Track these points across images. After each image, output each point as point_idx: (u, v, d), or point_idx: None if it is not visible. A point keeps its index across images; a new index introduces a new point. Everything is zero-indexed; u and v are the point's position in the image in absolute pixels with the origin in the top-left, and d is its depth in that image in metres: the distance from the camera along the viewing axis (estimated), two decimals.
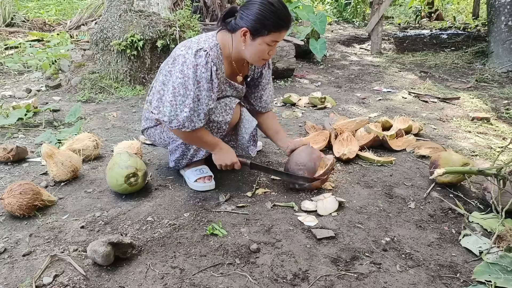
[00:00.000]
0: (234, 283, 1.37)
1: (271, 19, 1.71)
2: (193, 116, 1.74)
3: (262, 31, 1.73)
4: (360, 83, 4.58)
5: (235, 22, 1.78)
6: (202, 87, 1.73)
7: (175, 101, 1.72)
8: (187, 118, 1.73)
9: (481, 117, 3.17)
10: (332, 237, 1.63)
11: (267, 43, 1.76)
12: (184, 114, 1.72)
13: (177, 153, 2.02)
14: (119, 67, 3.96)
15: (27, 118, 3.00)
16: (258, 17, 1.71)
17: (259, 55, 1.80)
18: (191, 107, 1.72)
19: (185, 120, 1.74)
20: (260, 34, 1.74)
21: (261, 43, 1.76)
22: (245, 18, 1.73)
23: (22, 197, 1.71)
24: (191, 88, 1.71)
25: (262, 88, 2.14)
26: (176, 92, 1.72)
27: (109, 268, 1.43)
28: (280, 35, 1.78)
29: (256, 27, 1.72)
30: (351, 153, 2.37)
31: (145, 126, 2.10)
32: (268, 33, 1.73)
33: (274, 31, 1.74)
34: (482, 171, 1.82)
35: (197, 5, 5.36)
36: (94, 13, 7.54)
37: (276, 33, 1.75)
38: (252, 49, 1.78)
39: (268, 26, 1.72)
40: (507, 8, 4.98)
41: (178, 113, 1.72)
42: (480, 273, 1.39)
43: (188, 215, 1.79)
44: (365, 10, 11.02)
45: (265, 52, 1.79)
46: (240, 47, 1.81)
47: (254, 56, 1.81)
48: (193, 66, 1.71)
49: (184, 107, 1.72)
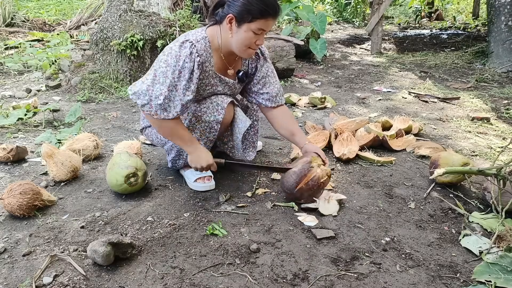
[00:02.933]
0: (234, 283, 1.37)
1: (257, 5, 1.69)
2: (166, 105, 1.72)
3: (247, 17, 1.71)
4: (360, 83, 4.58)
5: (223, 11, 1.78)
6: (183, 77, 1.72)
7: (153, 88, 1.71)
8: (160, 105, 1.71)
9: (481, 117, 3.17)
10: (332, 237, 1.63)
11: (253, 30, 1.73)
12: (158, 102, 1.70)
13: (172, 153, 2.02)
14: (119, 67, 3.96)
15: (27, 118, 3.00)
16: (243, 2, 1.69)
17: (245, 43, 1.76)
18: (165, 95, 1.70)
19: (158, 108, 1.71)
20: (245, 21, 1.72)
21: (247, 30, 1.73)
22: (232, 5, 1.72)
23: (22, 197, 1.71)
24: (169, 76, 1.71)
25: (262, 83, 2.05)
26: (156, 79, 1.72)
27: (109, 268, 1.43)
28: (267, 23, 1.74)
29: (241, 13, 1.70)
30: (351, 153, 2.37)
31: (143, 125, 2.09)
32: (254, 19, 1.71)
33: (260, 17, 1.71)
34: (482, 171, 1.82)
35: (197, 5, 5.37)
36: (94, 13, 7.54)
37: (262, 20, 1.72)
38: (238, 37, 1.76)
39: (253, 12, 1.69)
40: (507, 8, 4.98)
41: (153, 99, 1.70)
42: (480, 273, 1.39)
43: (188, 215, 1.79)
44: (365, 10, 11.02)
45: (251, 40, 1.76)
46: (227, 37, 1.79)
47: (240, 45, 1.77)
48: (176, 56, 1.72)
49: (160, 95, 1.70)
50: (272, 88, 2.06)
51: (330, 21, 9.81)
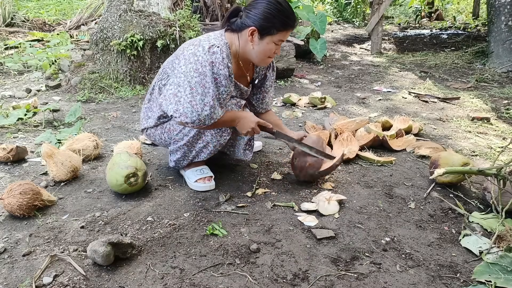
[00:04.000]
0: (234, 283, 1.37)
1: (279, 18, 1.73)
2: (212, 114, 1.74)
3: (270, 30, 1.74)
4: (360, 83, 4.58)
5: (242, 21, 1.79)
6: (220, 83, 1.73)
7: (195, 101, 1.70)
8: (207, 116, 1.72)
9: (481, 117, 3.17)
10: (332, 237, 1.63)
11: (274, 42, 1.78)
12: (205, 113, 1.71)
13: (178, 154, 2.01)
14: (119, 67, 3.96)
15: (27, 118, 3.00)
16: (266, 16, 1.72)
17: (266, 54, 1.81)
18: (211, 105, 1.71)
19: (206, 118, 1.73)
20: (268, 33, 1.75)
21: (269, 42, 1.78)
22: (253, 17, 1.74)
23: (22, 197, 1.71)
24: (209, 86, 1.70)
25: (265, 90, 2.16)
26: (194, 91, 1.70)
27: (109, 268, 1.43)
28: (287, 34, 1.80)
29: (264, 26, 1.74)
30: (351, 153, 2.37)
31: (145, 126, 2.09)
32: (276, 32, 1.75)
33: (282, 30, 1.76)
34: (482, 171, 1.82)
35: (197, 5, 5.36)
36: (94, 13, 7.54)
37: (283, 32, 1.77)
38: (259, 48, 1.79)
39: (277, 25, 1.74)
40: (507, 8, 4.98)
41: (200, 112, 1.71)
42: (480, 273, 1.39)
43: (188, 215, 1.79)
44: (365, 10, 11.02)
45: (271, 51, 1.81)
46: (246, 47, 1.81)
47: (261, 55, 1.82)
48: (209, 64, 1.71)
49: (204, 106, 1.70)
50: (269, 97, 2.20)
51: (330, 21, 9.81)
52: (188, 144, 1.95)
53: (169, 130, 1.98)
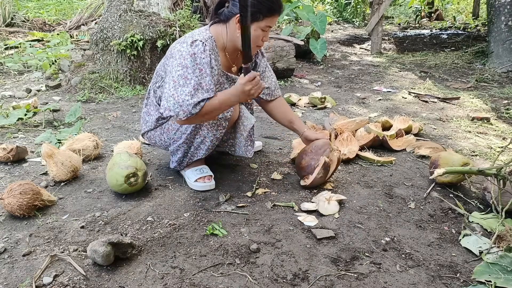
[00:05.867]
0: (234, 283, 1.37)
1: (265, 3, 1.72)
2: (195, 102, 1.70)
3: (257, 15, 1.73)
4: (360, 83, 4.58)
5: (228, 10, 1.78)
6: (204, 73, 1.71)
7: (176, 93, 1.70)
8: (190, 105, 1.69)
9: (481, 117, 3.17)
10: (332, 237, 1.63)
11: (261, 28, 1.77)
12: (187, 102, 1.69)
13: (179, 153, 2.01)
14: (119, 67, 3.96)
15: (27, 118, 3.00)
16: (252, 2, 1.69)
17: (254, 41, 1.79)
18: (192, 94, 1.69)
19: (189, 107, 1.69)
20: (255, 19, 1.74)
21: (256, 29, 1.77)
22: (238, 4, 1.73)
23: (22, 197, 1.71)
24: (190, 77, 1.70)
25: (261, 77, 2.13)
26: (177, 84, 1.70)
27: (109, 268, 1.43)
28: (273, 20, 1.79)
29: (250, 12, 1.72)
30: (351, 153, 2.37)
31: (145, 130, 2.09)
32: (263, 18, 1.75)
33: (268, 15, 1.75)
34: (482, 171, 1.82)
35: (197, 5, 5.37)
36: (94, 13, 7.54)
37: (270, 17, 1.76)
38: None
39: (262, 11, 1.73)
40: (507, 8, 4.98)
41: (181, 103, 1.69)
42: (480, 273, 1.39)
43: (188, 215, 1.79)
44: (365, 10, 11.03)
45: (259, 38, 1.80)
46: (234, 36, 1.81)
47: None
48: (191, 55, 1.71)
49: (186, 96, 1.68)
50: (270, 82, 2.15)
51: (330, 21, 9.81)
52: (187, 141, 1.95)
53: (167, 130, 1.98)
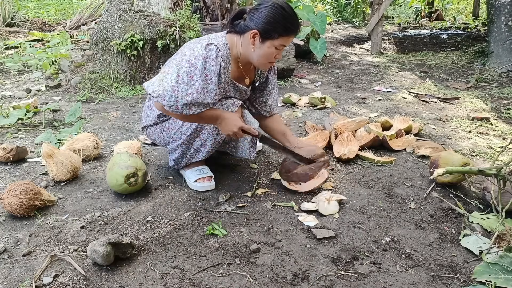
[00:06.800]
0: (234, 283, 1.37)
1: (282, 23, 1.72)
2: (193, 106, 1.70)
3: (272, 34, 1.73)
4: (360, 83, 4.58)
5: (245, 23, 1.78)
6: (209, 80, 1.70)
7: (178, 88, 1.67)
8: (186, 105, 1.69)
9: (481, 117, 3.17)
10: (332, 237, 1.63)
11: (275, 46, 1.77)
12: (184, 102, 1.67)
13: (176, 153, 2.02)
14: (119, 67, 3.96)
15: (27, 118, 3.00)
16: (269, 20, 1.71)
17: (267, 58, 1.80)
18: (193, 97, 1.68)
19: (184, 107, 1.69)
20: (269, 37, 1.74)
21: (270, 46, 1.77)
22: (256, 20, 1.74)
23: (22, 197, 1.71)
24: (196, 78, 1.68)
25: (267, 93, 2.14)
26: (180, 79, 1.68)
27: (109, 268, 1.43)
28: (289, 39, 1.79)
29: (266, 30, 1.73)
30: (351, 153, 2.37)
31: (145, 124, 2.09)
32: (278, 36, 1.74)
33: (283, 35, 1.75)
34: (482, 171, 1.82)
35: (197, 5, 5.36)
36: (94, 13, 7.54)
37: (285, 37, 1.76)
38: (260, 52, 1.78)
39: (278, 30, 1.73)
40: (507, 8, 4.98)
41: (179, 100, 1.67)
42: (480, 273, 1.39)
43: (188, 215, 1.79)
44: (365, 10, 11.03)
45: (272, 55, 1.80)
46: (248, 49, 1.81)
47: (262, 59, 1.81)
48: (203, 58, 1.69)
49: (186, 96, 1.67)
50: (273, 100, 2.17)
51: (330, 21, 9.82)
52: (186, 142, 1.95)
53: (168, 129, 1.98)
